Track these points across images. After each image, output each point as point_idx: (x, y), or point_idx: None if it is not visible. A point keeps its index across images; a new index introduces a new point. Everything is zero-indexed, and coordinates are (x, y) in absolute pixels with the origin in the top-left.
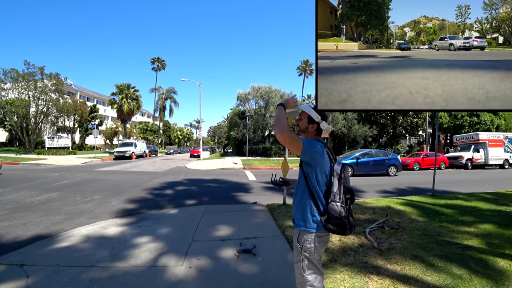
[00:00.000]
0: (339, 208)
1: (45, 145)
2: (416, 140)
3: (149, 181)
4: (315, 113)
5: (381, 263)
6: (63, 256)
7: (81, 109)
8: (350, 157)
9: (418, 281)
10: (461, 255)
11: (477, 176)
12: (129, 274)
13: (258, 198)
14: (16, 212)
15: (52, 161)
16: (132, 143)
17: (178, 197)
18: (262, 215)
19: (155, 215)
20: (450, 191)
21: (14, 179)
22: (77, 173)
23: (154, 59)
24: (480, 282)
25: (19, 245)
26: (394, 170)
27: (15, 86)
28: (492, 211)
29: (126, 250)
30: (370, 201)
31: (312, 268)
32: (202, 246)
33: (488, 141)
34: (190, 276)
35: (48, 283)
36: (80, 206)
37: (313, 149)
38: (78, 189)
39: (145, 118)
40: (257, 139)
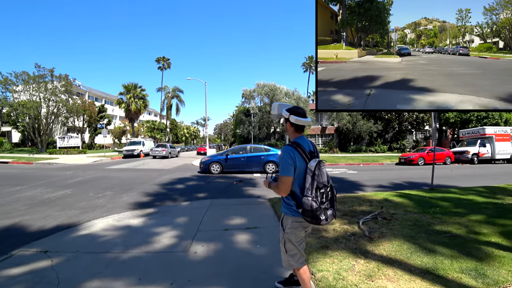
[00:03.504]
0: (310, 202)
1: (57, 145)
2: (422, 135)
3: (157, 178)
4: (285, 112)
5: (369, 249)
6: (81, 244)
7: (90, 109)
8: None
9: (401, 264)
10: (448, 243)
11: (482, 171)
12: (141, 258)
13: (262, 192)
14: (35, 207)
15: (64, 160)
16: (140, 141)
17: (185, 192)
18: (264, 208)
19: (163, 208)
20: (451, 186)
21: (30, 177)
22: (88, 171)
23: (160, 58)
24: (459, 266)
25: (41, 235)
26: (273, 167)
27: (26, 88)
28: (487, 203)
29: (137, 239)
30: (368, 194)
31: (292, 248)
32: (206, 235)
33: (495, 136)
34: (196, 260)
35: (70, 266)
36: (93, 202)
37: (289, 165)
38: (91, 186)
39: (152, 117)
40: (262, 136)
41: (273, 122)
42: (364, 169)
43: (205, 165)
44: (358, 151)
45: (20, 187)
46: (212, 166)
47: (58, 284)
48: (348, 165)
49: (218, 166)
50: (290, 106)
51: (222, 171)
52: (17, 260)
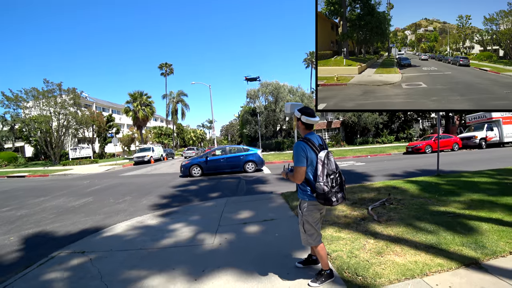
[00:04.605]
0: (322, 186)
1: (69, 156)
2: (429, 123)
3: (172, 181)
4: (297, 112)
5: (378, 231)
6: (113, 244)
7: (98, 119)
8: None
9: (407, 241)
10: (451, 222)
11: (490, 155)
12: (171, 251)
13: (274, 188)
14: (62, 215)
15: (78, 171)
16: (150, 148)
17: (201, 192)
18: (277, 202)
19: (183, 208)
20: (458, 171)
21: (50, 189)
22: (104, 179)
23: (162, 64)
24: (461, 240)
25: (73, 239)
26: (253, 167)
27: (36, 103)
28: (491, 183)
29: (164, 236)
30: (376, 183)
31: (310, 228)
32: (228, 228)
33: (502, 119)
34: (221, 251)
35: (108, 262)
36: (115, 207)
37: (302, 157)
38: (109, 193)
39: (159, 123)
40: (269, 134)
41: (279, 120)
42: (372, 160)
43: (186, 168)
44: (365, 143)
45: (44, 198)
46: (193, 169)
47: (101, 277)
48: (356, 158)
49: (198, 169)
50: (301, 106)
51: (202, 174)
52: (58, 260)
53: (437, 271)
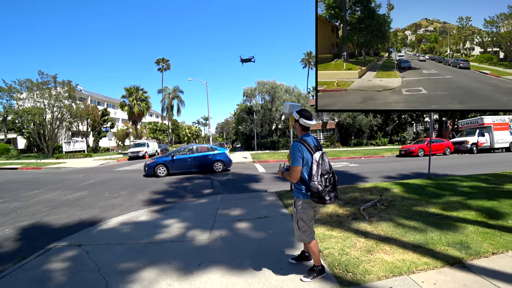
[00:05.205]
0: (316, 185)
1: (63, 149)
2: (422, 126)
3: (167, 177)
4: (296, 114)
5: (369, 230)
6: (110, 237)
7: (93, 113)
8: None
9: (396, 241)
10: (438, 223)
11: (480, 160)
12: (167, 246)
13: (268, 187)
14: (57, 208)
15: (71, 164)
16: (145, 143)
17: (195, 189)
18: (271, 200)
19: (178, 204)
20: (449, 174)
21: (44, 182)
22: (99, 174)
23: (159, 60)
24: (447, 240)
25: (69, 232)
26: (221, 166)
27: (30, 95)
28: (480, 188)
29: (161, 231)
30: (369, 185)
31: (304, 225)
32: (223, 225)
33: (493, 125)
34: (217, 246)
35: (105, 255)
36: (110, 201)
37: (298, 157)
38: (104, 187)
39: (154, 118)
40: (264, 133)
41: (275, 119)
42: (365, 162)
43: (150, 168)
44: (359, 144)
45: (38, 190)
46: (158, 169)
47: (98, 270)
48: (350, 159)
49: (164, 169)
50: (300, 108)
51: (168, 173)
52: (55, 252)
53: (423, 269)
